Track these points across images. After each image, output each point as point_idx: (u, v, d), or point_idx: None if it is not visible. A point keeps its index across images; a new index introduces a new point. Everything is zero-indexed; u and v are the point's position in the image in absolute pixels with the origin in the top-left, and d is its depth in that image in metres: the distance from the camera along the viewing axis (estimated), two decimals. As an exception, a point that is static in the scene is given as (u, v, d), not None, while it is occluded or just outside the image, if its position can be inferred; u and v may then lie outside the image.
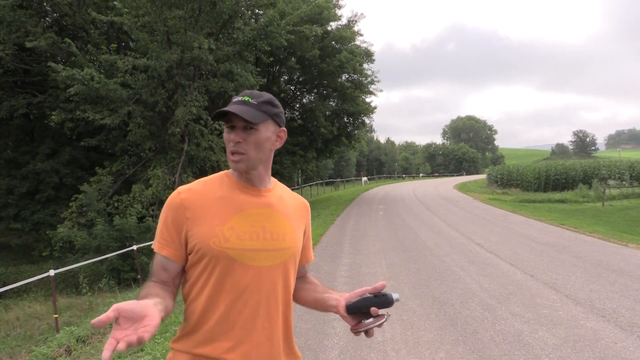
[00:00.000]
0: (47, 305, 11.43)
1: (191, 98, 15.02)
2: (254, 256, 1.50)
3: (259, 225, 1.55)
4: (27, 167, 17.64)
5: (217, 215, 1.52)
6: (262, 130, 1.53)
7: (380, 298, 1.52)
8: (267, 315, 1.53)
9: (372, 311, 1.50)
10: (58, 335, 7.02)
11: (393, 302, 1.52)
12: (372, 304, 1.51)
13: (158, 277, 1.54)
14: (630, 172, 30.33)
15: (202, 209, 1.52)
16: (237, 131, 1.51)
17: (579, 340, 4.78)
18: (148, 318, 1.17)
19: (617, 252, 9.75)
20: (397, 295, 1.53)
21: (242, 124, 1.51)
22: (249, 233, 1.52)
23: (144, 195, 14.52)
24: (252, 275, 1.49)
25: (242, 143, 1.51)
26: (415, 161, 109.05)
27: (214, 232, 1.48)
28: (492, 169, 46.32)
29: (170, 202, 1.54)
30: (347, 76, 27.38)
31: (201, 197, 1.54)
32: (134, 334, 1.11)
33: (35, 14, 16.69)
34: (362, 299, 1.55)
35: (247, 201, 1.57)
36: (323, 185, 47.65)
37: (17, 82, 17.84)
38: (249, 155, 1.52)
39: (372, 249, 10.89)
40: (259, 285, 1.51)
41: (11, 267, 16.14)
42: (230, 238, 1.49)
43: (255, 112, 1.51)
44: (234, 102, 1.53)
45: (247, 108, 1.50)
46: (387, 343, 4.91)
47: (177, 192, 1.56)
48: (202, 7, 15.04)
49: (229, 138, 1.53)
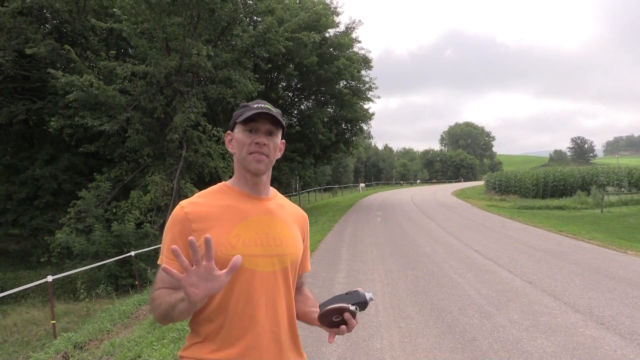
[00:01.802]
0: (44, 311, 11.40)
1: (189, 104, 15.04)
2: (259, 262, 1.54)
3: (262, 231, 1.59)
4: (25, 172, 17.63)
5: (223, 224, 1.55)
6: (278, 137, 1.63)
7: (350, 294, 1.54)
8: (274, 319, 1.57)
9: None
10: (55, 342, 7.00)
11: (366, 300, 1.52)
12: (343, 300, 1.53)
13: (165, 286, 1.54)
14: (628, 178, 30.34)
15: (207, 220, 1.55)
16: (260, 134, 1.57)
17: (578, 348, 4.77)
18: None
19: (616, 259, 9.74)
20: (370, 294, 1.54)
21: (266, 128, 1.58)
22: (253, 239, 1.56)
23: (142, 202, 14.51)
24: (258, 280, 1.53)
25: (266, 146, 1.57)
26: (413, 167, 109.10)
27: (220, 240, 1.51)
28: (490, 176, 46.39)
29: (175, 216, 1.57)
30: (345, 83, 27.44)
31: (204, 208, 1.57)
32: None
33: (35, 20, 16.73)
34: (333, 297, 1.57)
35: (250, 209, 1.61)
36: (321, 192, 47.70)
37: (16, 89, 17.85)
38: (270, 158, 1.60)
39: (370, 256, 10.88)
40: (264, 290, 1.55)
41: (9, 273, 16.11)
42: (237, 245, 1.52)
43: (280, 119, 1.59)
44: (258, 107, 1.58)
45: (274, 113, 1.58)
46: (385, 350, 4.90)
47: (180, 207, 1.58)
48: (200, 14, 15.08)
49: (250, 140, 1.57)
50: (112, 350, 5.87)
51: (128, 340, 6.09)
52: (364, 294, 1.53)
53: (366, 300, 1.52)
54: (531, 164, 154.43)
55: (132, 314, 8.16)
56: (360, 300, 1.52)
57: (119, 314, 8.11)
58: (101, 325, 7.47)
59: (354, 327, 1.53)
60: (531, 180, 33.04)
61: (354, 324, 1.52)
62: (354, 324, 1.52)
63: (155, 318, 1.57)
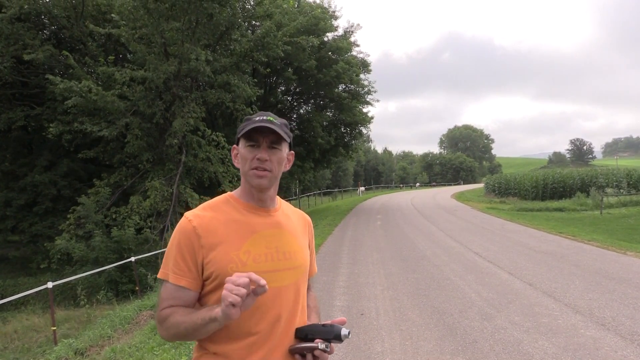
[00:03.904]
0: (45, 318, 11.37)
1: (188, 109, 15.05)
2: (270, 277, 1.49)
3: (272, 246, 1.57)
4: (25, 179, 17.63)
5: (232, 239, 1.52)
6: (282, 150, 1.58)
7: (326, 327, 1.52)
8: (285, 333, 1.54)
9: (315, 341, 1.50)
10: (56, 348, 6.99)
11: (340, 335, 1.48)
12: (318, 332, 1.52)
13: (174, 303, 1.52)
14: (627, 180, 30.38)
15: (216, 235, 1.51)
16: (262, 149, 1.54)
17: (578, 349, 4.77)
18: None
19: (616, 260, 9.74)
20: (346, 331, 1.50)
21: (268, 142, 1.54)
22: (264, 255, 1.54)
23: (142, 207, 14.49)
24: (269, 296, 1.47)
25: (268, 161, 1.54)
26: (412, 171, 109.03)
27: (230, 257, 1.49)
28: (490, 178, 46.39)
29: (182, 230, 1.53)
30: (343, 86, 27.43)
31: (212, 222, 1.54)
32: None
33: (34, 26, 16.77)
34: (310, 324, 1.58)
35: (258, 223, 1.58)
36: (321, 196, 47.67)
37: (15, 95, 17.86)
38: (273, 173, 1.56)
39: (371, 259, 10.88)
40: (275, 305, 1.52)
41: (9, 280, 16.05)
42: (248, 262, 1.50)
43: (283, 132, 1.55)
44: (260, 121, 1.54)
45: (276, 127, 1.54)
46: (387, 353, 4.90)
47: (186, 220, 1.54)
48: (199, 19, 15.11)
49: (252, 155, 1.54)
50: (113, 356, 5.85)
51: (129, 346, 6.08)
52: (340, 329, 1.49)
53: (340, 336, 1.49)
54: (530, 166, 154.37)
55: (132, 320, 8.14)
56: (333, 335, 1.49)
57: (120, 319, 8.09)
58: (102, 331, 7.45)
59: (326, 359, 1.52)
60: (530, 183, 33.05)
61: (326, 358, 1.51)
62: (326, 358, 1.51)
63: (167, 337, 1.54)
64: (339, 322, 1.52)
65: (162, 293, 1.54)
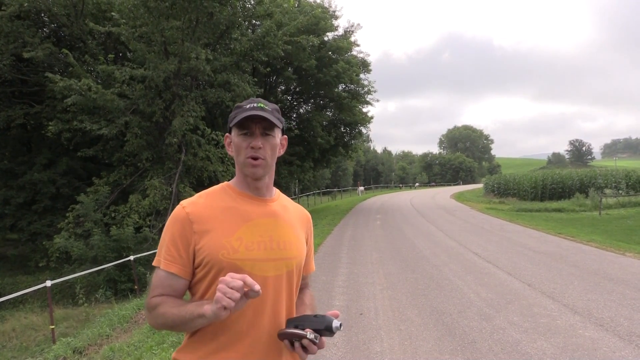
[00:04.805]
0: (43, 316, 11.37)
1: (188, 108, 15.03)
2: (261, 266, 1.50)
3: (266, 235, 1.55)
4: (24, 177, 17.60)
5: (224, 226, 1.51)
6: (275, 136, 1.57)
7: (318, 318, 1.48)
8: (274, 323, 1.53)
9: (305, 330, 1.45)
10: (54, 347, 6.99)
11: (331, 327, 1.44)
12: (309, 322, 1.48)
13: (165, 292, 1.51)
14: (626, 180, 30.36)
15: (209, 222, 1.50)
16: (256, 137, 1.53)
17: (577, 350, 4.77)
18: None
19: (615, 261, 9.76)
20: (338, 323, 1.45)
21: (260, 129, 1.53)
22: (257, 243, 1.52)
23: (141, 206, 14.47)
24: (260, 284, 1.43)
25: (262, 149, 1.53)
26: (412, 171, 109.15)
27: (222, 243, 1.48)
28: (489, 179, 46.35)
29: (176, 216, 1.53)
30: (343, 86, 27.42)
31: (206, 209, 1.53)
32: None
33: (33, 24, 16.75)
34: (302, 315, 1.55)
35: (253, 211, 1.57)
36: (320, 195, 47.67)
37: (14, 93, 17.85)
38: (267, 160, 1.55)
39: (370, 259, 10.87)
40: (268, 295, 1.51)
41: (7, 278, 16.05)
42: (239, 249, 1.49)
43: (275, 118, 1.54)
44: (251, 108, 1.53)
45: (267, 114, 1.52)
46: (386, 353, 4.90)
47: (181, 207, 1.54)
48: (199, 18, 15.09)
49: (246, 144, 1.53)
50: (112, 355, 5.85)
51: (127, 345, 6.08)
52: (332, 320, 1.45)
53: (331, 327, 1.44)
54: (530, 167, 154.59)
55: (131, 319, 8.14)
56: (324, 326, 1.44)
57: (118, 318, 8.08)
58: (100, 330, 7.44)
59: (315, 352, 1.46)
60: (530, 183, 33.05)
61: (315, 350, 1.45)
62: (315, 350, 1.45)
63: (155, 326, 1.52)
64: (331, 315, 1.48)
65: (153, 280, 1.53)
